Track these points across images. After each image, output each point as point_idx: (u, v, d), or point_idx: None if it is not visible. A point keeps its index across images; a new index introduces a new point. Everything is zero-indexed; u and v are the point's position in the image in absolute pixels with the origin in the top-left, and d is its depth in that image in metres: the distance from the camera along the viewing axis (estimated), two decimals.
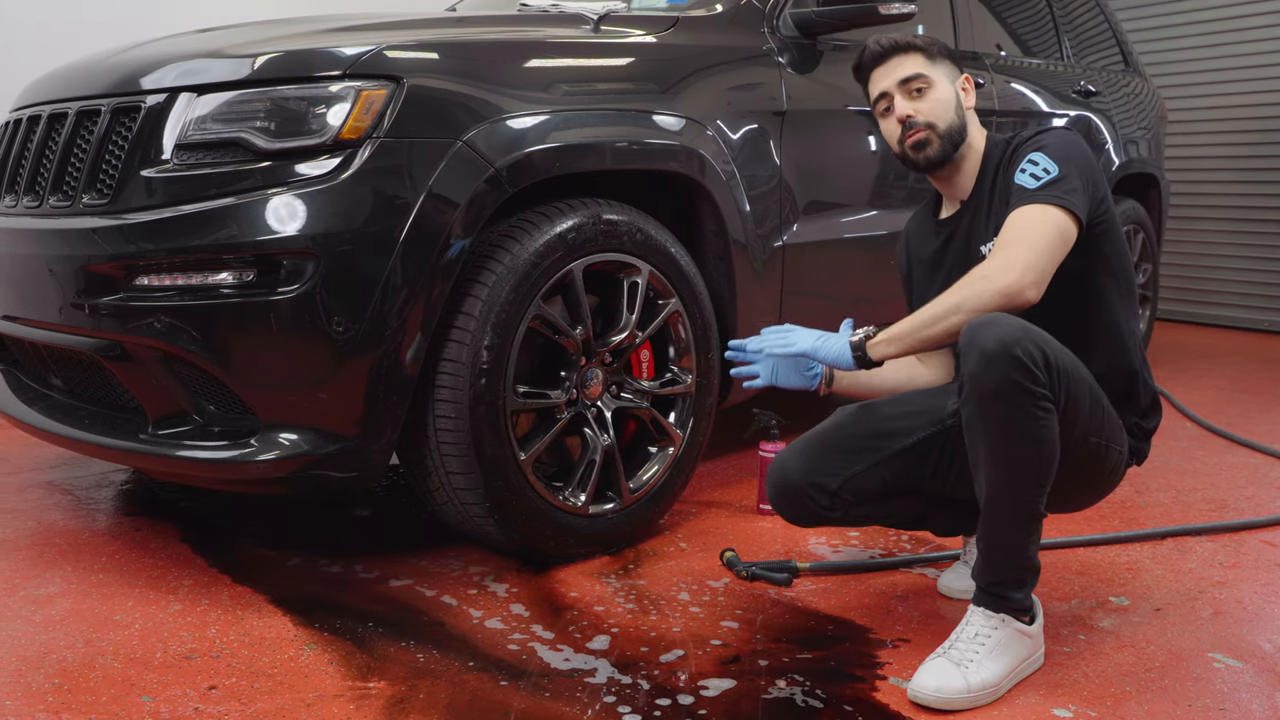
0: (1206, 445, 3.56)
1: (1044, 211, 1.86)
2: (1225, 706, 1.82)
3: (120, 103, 2.20)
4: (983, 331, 1.74)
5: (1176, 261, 6.36)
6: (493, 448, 2.20)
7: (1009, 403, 1.74)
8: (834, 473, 2.05)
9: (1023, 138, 2.02)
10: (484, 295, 2.18)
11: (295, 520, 2.73)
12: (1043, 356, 1.74)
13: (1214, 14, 6.16)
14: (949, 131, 2.04)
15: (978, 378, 1.75)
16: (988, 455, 1.79)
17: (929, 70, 2.05)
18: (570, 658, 1.97)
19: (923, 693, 1.80)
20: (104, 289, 2.11)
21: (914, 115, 2.04)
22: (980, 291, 1.81)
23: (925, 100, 2.04)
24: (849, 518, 2.10)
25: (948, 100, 2.05)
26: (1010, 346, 1.72)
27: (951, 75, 2.08)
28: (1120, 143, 4.49)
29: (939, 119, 2.04)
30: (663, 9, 2.98)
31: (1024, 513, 1.81)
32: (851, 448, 2.07)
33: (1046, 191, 1.87)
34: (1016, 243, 1.83)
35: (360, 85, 2.08)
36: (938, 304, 1.86)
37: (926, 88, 2.04)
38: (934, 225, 2.17)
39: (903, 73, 2.05)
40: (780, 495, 2.10)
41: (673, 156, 2.53)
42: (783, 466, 2.10)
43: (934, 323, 1.86)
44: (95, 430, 2.30)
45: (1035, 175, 1.90)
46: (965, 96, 2.08)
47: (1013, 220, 1.88)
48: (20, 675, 1.88)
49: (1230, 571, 2.43)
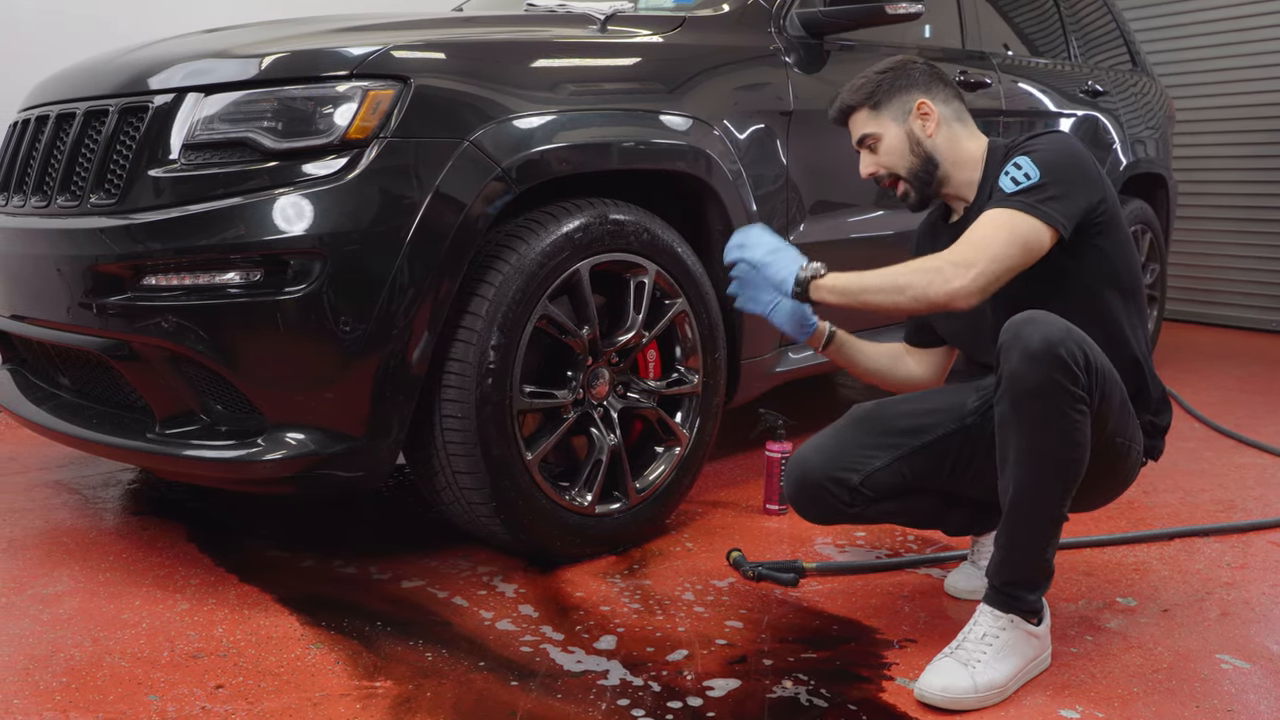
0: (1214, 446, 3.55)
1: (1011, 218, 1.87)
2: (1233, 708, 1.82)
3: (128, 103, 2.21)
4: (1027, 329, 1.75)
5: (1184, 262, 6.35)
6: (499, 447, 2.20)
7: (1047, 402, 1.73)
8: (855, 468, 2.04)
9: (1018, 143, 2.02)
10: (491, 295, 2.18)
11: (302, 520, 2.73)
12: (1084, 357, 1.75)
13: (1221, 13, 6.14)
14: (913, 172, 2.09)
15: (1019, 375, 1.74)
16: (1018, 454, 1.78)
17: (874, 125, 2.11)
18: (583, 659, 1.97)
19: (929, 692, 1.80)
20: (111, 289, 2.11)
21: (876, 170, 2.13)
22: (929, 283, 1.84)
23: (879, 153, 2.12)
24: (868, 514, 2.09)
25: (899, 147, 2.09)
26: (1055, 346, 1.72)
27: (900, 116, 2.09)
28: (1128, 143, 4.47)
29: (897, 166, 2.10)
30: (669, 9, 2.98)
31: (1048, 514, 1.81)
32: (872, 444, 2.06)
33: (1020, 198, 1.88)
34: (975, 246, 1.86)
35: (367, 85, 2.08)
36: (888, 275, 1.89)
37: (877, 142, 2.11)
38: (945, 229, 2.17)
39: (855, 135, 2.15)
40: (800, 491, 2.09)
41: (679, 156, 2.53)
42: (802, 463, 2.09)
43: (878, 292, 1.89)
44: (103, 430, 2.30)
45: (1015, 179, 1.90)
46: (925, 124, 2.09)
47: (980, 222, 1.90)
48: (28, 673, 1.89)
49: (1238, 572, 2.42)
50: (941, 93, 2.12)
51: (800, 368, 3.01)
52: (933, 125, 2.08)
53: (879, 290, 1.89)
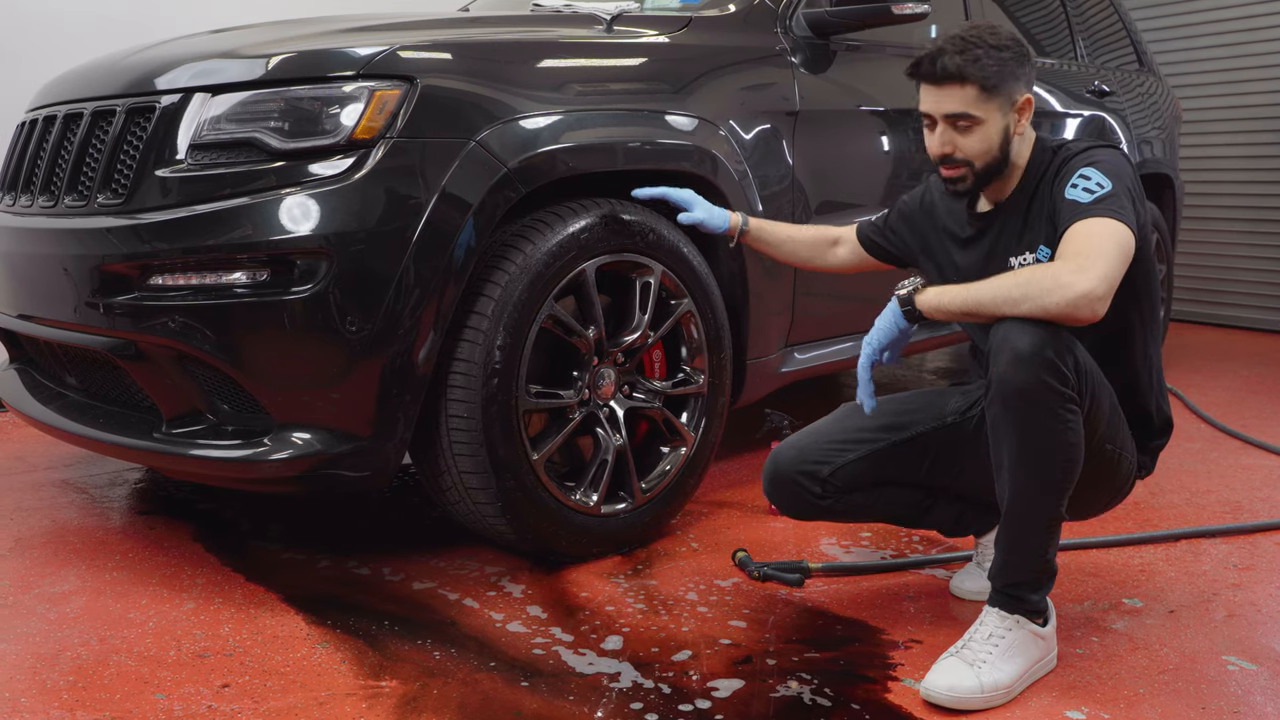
0: (1221, 447, 3.54)
1: (1105, 224, 1.76)
2: (1239, 709, 1.81)
3: (135, 103, 2.21)
4: (1015, 333, 1.74)
5: (1191, 262, 6.33)
6: (505, 447, 2.20)
7: (1037, 404, 1.74)
8: (825, 460, 2.08)
9: (1071, 151, 1.93)
10: (497, 295, 2.18)
11: (308, 519, 2.73)
12: (1073, 359, 1.75)
13: (1229, 13, 6.12)
14: (987, 168, 1.93)
15: (1007, 378, 1.74)
16: (1012, 457, 1.79)
17: (980, 109, 1.89)
18: (594, 661, 1.97)
19: (935, 692, 1.80)
20: (118, 288, 2.12)
21: (953, 153, 1.92)
22: (1048, 292, 1.71)
23: (969, 138, 1.91)
24: (843, 506, 2.11)
25: (993, 140, 1.90)
26: (1043, 348, 1.71)
27: (1008, 102, 1.90)
28: (1135, 143, 4.46)
29: (978, 158, 1.92)
30: (675, 9, 2.98)
31: (1046, 516, 1.82)
32: (846, 438, 2.10)
33: (1103, 205, 1.79)
34: (1086, 253, 1.73)
35: (374, 85, 2.08)
36: (999, 290, 1.78)
37: (973, 126, 1.90)
38: (968, 212, 2.08)
39: (950, 107, 1.90)
40: (774, 486, 2.14)
41: (685, 156, 2.53)
42: (775, 458, 2.14)
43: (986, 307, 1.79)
44: (110, 429, 2.31)
45: (1088, 189, 1.82)
46: (1020, 121, 1.93)
47: (1076, 232, 1.77)
48: (35, 672, 1.89)
49: (1244, 574, 2.41)
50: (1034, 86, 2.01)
51: (806, 368, 3.01)
52: (1025, 123, 1.94)
53: (990, 305, 1.78)
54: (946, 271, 2.11)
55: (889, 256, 2.32)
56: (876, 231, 2.31)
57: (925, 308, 1.89)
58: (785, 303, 2.86)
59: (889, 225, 2.29)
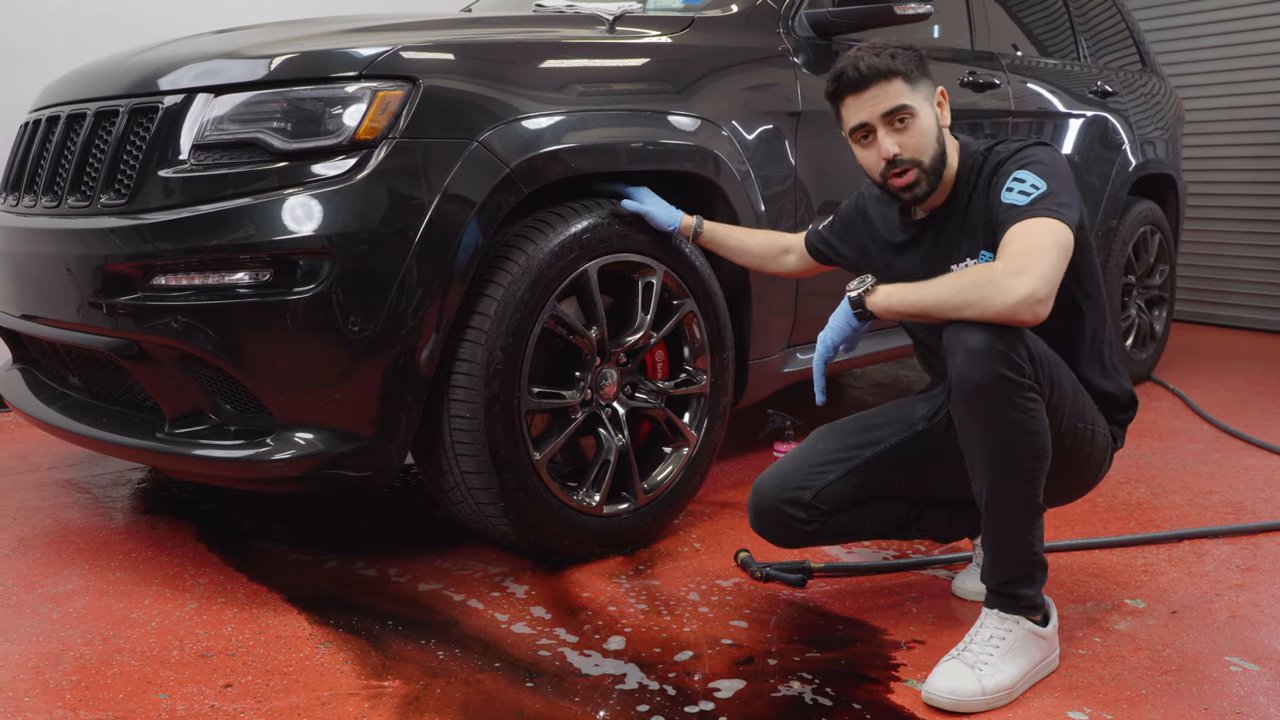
0: (1223, 447, 3.54)
1: (1044, 225, 1.78)
2: (1242, 710, 1.81)
3: (138, 103, 2.22)
4: (965, 332, 1.76)
5: (1194, 262, 6.32)
6: (507, 448, 2.20)
7: (998, 398, 1.75)
8: (806, 485, 2.08)
9: (1002, 154, 1.94)
10: (499, 295, 2.18)
11: (311, 520, 2.74)
12: (1026, 350, 1.76)
13: (1231, 13, 6.12)
14: (933, 164, 1.93)
15: (964, 376, 1.75)
16: (983, 454, 1.80)
17: (911, 98, 1.91)
18: (600, 663, 1.96)
19: (937, 695, 1.80)
20: (121, 288, 2.12)
21: (900, 153, 1.91)
22: (988, 298, 1.73)
23: (910, 134, 1.91)
24: (829, 529, 2.11)
25: (930, 130, 1.92)
26: (994, 342, 1.73)
27: (930, 94, 1.95)
28: (1137, 143, 4.46)
29: (923, 153, 1.92)
30: (678, 10, 2.98)
31: (1024, 507, 1.82)
32: (822, 460, 2.10)
33: (1040, 206, 1.82)
34: (1023, 254, 1.75)
35: (376, 86, 2.09)
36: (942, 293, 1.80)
37: (910, 119, 1.91)
38: (899, 219, 2.10)
39: (885, 105, 1.90)
40: (759, 519, 2.13)
41: (687, 157, 2.53)
42: (758, 489, 2.13)
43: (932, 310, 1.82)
44: (113, 429, 2.31)
45: (1024, 192, 1.84)
46: (942, 113, 1.97)
47: (1015, 233, 1.79)
48: (39, 672, 1.90)
49: (1247, 574, 2.41)
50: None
51: (808, 368, 3.00)
52: (946, 117, 1.99)
53: (935, 309, 1.81)
54: (888, 277, 2.06)
55: (834, 263, 2.35)
56: (821, 240, 2.35)
57: (875, 308, 1.91)
58: (788, 303, 2.86)
59: (831, 233, 2.32)
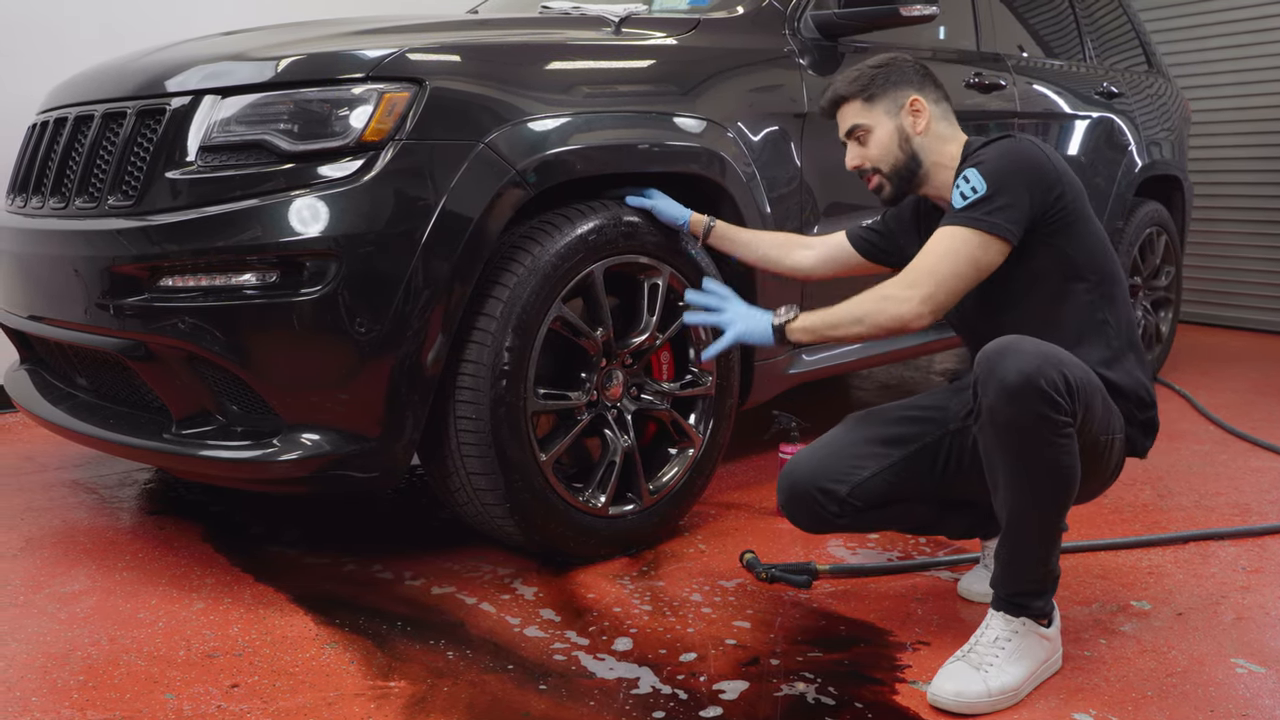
0: (1229, 449, 3.53)
1: (956, 237, 1.90)
2: (1247, 713, 1.81)
3: (145, 105, 2.22)
4: (1001, 363, 1.74)
5: (1200, 264, 6.32)
6: (513, 449, 2.21)
7: (1031, 435, 1.73)
8: (842, 478, 2.07)
9: (970, 148, 2.03)
10: (505, 297, 2.19)
11: (317, 520, 2.74)
12: (1064, 381, 1.73)
13: (1238, 14, 6.11)
14: (896, 169, 2.10)
15: (997, 410, 1.74)
16: (1008, 481, 1.79)
17: (866, 117, 2.11)
18: (614, 666, 1.96)
19: (942, 697, 1.80)
20: (129, 290, 2.13)
21: (861, 163, 2.14)
22: (880, 310, 1.94)
23: (868, 147, 2.12)
24: (858, 523, 2.12)
25: (888, 142, 2.09)
26: (1034, 378, 1.71)
27: (893, 109, 2.09)
28: (1143, 144, 4.46)
29: (883, 161, 2.10)
30: (684, 11, 2.98)
31: (1045, 531, 1.82)
32: (859, 453, 2.09)
33: (968, 213, 1.91)
34: (923, 270, 1.92)
35: (383, 88, 2.09)
36: (846, 310, 1.99)
37: (866, 135, 2.11)
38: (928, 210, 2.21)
39: (844, 125, 2.15)
40: (790, 500, 2.13)
41: (693, 158, 2.53)
42: (792, 472, 2.13)
43: (839, 326, 2.00)
44: (120, 429, 2.32)
45: (964, 194, 1.93)
46: (915, 121, 2.09)
47: (930, 243, 1.94)
48: (45, 672, 1.90)
49: (1253, 576, 2.41)
50: (933, 92, 2.12)
51: (814, 369, 3.01)
52: (923, 123, 2.09)
53: (839, 323, 2.00)
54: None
55: (880, 254, 2.34)
56: (870, 232, 2.37)
57: (794, 336, 2.06)
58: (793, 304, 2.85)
59: (884, 224, 2.34)
